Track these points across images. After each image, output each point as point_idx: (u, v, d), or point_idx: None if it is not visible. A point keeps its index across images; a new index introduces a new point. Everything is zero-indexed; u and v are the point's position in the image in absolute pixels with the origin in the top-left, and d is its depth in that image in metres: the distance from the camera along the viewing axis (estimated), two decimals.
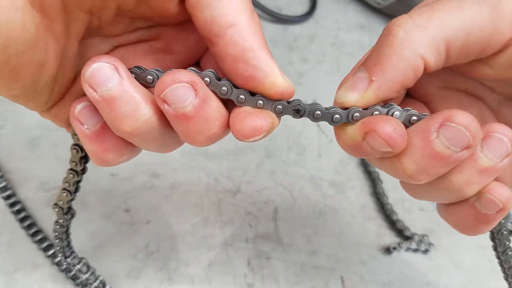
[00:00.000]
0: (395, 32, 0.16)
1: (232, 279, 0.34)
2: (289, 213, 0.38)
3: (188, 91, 0.16)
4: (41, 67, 0.16)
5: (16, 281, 0.32)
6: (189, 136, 0.17)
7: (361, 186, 0.41)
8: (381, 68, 0.16)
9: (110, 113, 0.17)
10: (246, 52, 0.16)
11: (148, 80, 0.17)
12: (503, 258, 0.24)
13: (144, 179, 0.38)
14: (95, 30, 0.18)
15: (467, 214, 0.18)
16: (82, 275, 0.30)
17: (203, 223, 0.37)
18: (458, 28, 0.15)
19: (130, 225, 0.36)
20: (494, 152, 0.17)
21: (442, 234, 0.38)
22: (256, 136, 0.17)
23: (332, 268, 0.35)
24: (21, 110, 0.42)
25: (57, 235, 0.27)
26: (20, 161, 0.38)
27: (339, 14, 0.56)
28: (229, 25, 0.16)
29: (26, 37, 0.15)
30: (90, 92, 0.16)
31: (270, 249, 0.36)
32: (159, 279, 0.33)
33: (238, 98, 0.17)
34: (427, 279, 0.36)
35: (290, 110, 0.18)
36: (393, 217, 0.38)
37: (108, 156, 0.18)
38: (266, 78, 0.17)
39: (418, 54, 0.16)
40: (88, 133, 0.18)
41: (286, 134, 0.43)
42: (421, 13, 0.16)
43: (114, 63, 0.16)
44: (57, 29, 0.16)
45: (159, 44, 0.20)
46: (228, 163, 0.40)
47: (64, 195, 0.24)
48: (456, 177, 0.17)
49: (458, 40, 0.16)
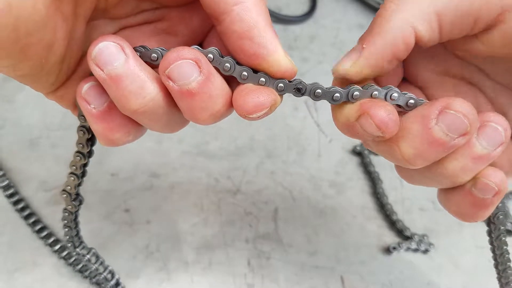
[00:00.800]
0: (387, 5, 0.16)
1: (232, 279, 0.34)
2: (289, 213, 0.38)
3: (193, 67, 0.16)
4: (50, 47, 0.16)
5: (16, 280, 0.32)
6: (193, 113, 0.18)
7: (361, 186, 0.41)
8: (372, 36, 0.16)
9: (117, 91, 0.17)
10: (252, 30, 0.16)
11: (152, 58, 0.18)
12: (496, 243, 0.24)
13: (144, 179, 0.38)
14: (101, 12, 0.18)
15: (465, 201, 0.18)
16: (91, 265, 0.30)
17: (203, 223, 0.37)
18: (448, 0, 0.15)
19: (130, 225, 0.36)
20: (489, 141, 0.17)
21: (442, 234, 0.38)
22: (259, 112, 0.17)
23: (332, 268, 0.35)
24: (20, 110, 0.42)
25: (66, 223, 0.27)
26: (20, 161, 0.38)
27: (339, 14, 0.56)
28: (235, 2, 0.16)
29: (36, 18, 0.15)
30: (96, 70, 0.17)
31: (270, 249, 0.36)
32: (159, 279, 0.33)
33: (241, 74, 0.17)
34: (427, 279, 0.36)
35: (292, 88, 0.18)
36: (393, 217, 0.38)
37: (115, 136, 0.19)
38: (270, 56, 0.17)
39: (408, 24, 0.16)
40: (95, 112, 0.18)
41: (286, 134, 0.43)
42: None
43: (120, 42, 0.17)
44: (66, 10, 0.16)
45: (163, 26, 0.20)
46: (228, 163, 0.40)
47: (71, 179, 0.24)
48: (451, 164, 0.18)
49: (449, 12, 0.16)
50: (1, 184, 0.36)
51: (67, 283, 0.33)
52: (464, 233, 0.39)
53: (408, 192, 0.41)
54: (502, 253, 0.25)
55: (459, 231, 0.39)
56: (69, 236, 0.28)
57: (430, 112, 0.16)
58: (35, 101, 0.43)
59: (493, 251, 0.25)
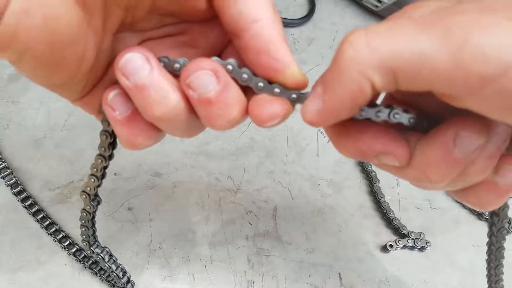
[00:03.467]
0: (345, 51, 0.15)
1: (232, 276, 0.34)
2: (288, 211, 0.39)
3: (211, 78, 0.17)
4: (81, 59, 0.18)
5: (20, 278, 0.33)
6: (211, 120, 0.19)
7: (359, 185, 0.41)
8: (331, 89, 0.16)
9: (142, 99, 0.18)
10: (269, 45, 0.17)
11: (175, 68, 0.19)
12: (496, 237, 0.24)
13: (147, 178, 0.39)
14: (127, 25, 0.19)
15: (487, 191, 0.19)
16: (104, 263, 0.31)
17: (204, 222, 0.37)
18: (410, 59, 0.14)
19: (133, 223, 0.36)
20: (498, 139, 0.18)
21: (438, 233, 0.39)
22: (273, 121, 0.18)
23: (330, 265, 0.36)
24: (25, 111, 0.43)
25: (83, 223, 0.28)
26: (24, 161, 0.39)
27: (337, 17, 0.57)
28: (254, 20, 0.17)
29: (70, 32, 0.16)
30: (123, 80, 0.18)
31: (269, 247, 0.36)
32: (161, 276, 0.34)
33: (257, 85, 0.19)
34: (423, 276, 0.36)
35: (303, 100, 0.19)
36: (390, 216, 0.39)
37: (137, 140, 0.20)
38: (285, 69, 0.18)
39: (364, 76, 0.15)
40: (120, 118, 0.19)
41: (286, 134, 0.44)
42: (378, 32, 0.15)
43: (145, 54, 0.18)
44: (96, 24, 0.17)
45: (185, 39, 0.21)
46: (228, 163, 0.41)
47: (91, 181, 0.25)
48: (471, 169, 0.18)
49: (409, 74, 0.15)
50: (9, 182, 0.36)
51: (70, 281, 0.33)
52: (460, 231, 0.39)
53: (405, 191, 0.41)
54: (499, 247, 0.25)
55: (455, 230, 0.40)
56: (85, 235, 0.29)
57: (448, 138, 0.17)
58: (39, 102, 0.43)
59: (490, 245, 0.25)
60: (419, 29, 0.14)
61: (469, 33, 0.13)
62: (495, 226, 0.24)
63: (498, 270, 0.27)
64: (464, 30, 0.13)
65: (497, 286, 0.28)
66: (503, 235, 0.24)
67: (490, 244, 0.25)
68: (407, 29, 0.14)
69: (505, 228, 0.24)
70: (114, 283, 0.32)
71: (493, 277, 0.27)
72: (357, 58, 0.15)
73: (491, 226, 0.24)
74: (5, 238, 0.34)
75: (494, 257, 0.26)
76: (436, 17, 0.14)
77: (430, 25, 0.14)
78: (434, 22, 0.14)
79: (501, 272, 0.27)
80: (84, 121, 0.42)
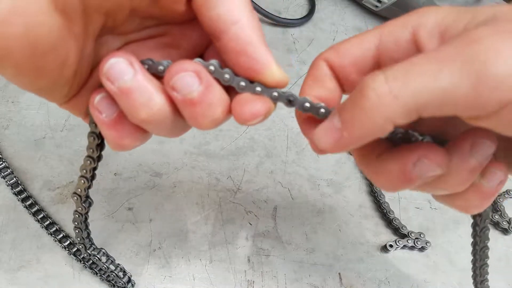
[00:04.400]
0: (368, 96, 0.16)
1: (232, 276, 0.34)
2: (288, 211, 0.39)
3: (194, 79, 0.18)
4: (63, 64, 0.18)
5: (20, 278, 0.33)
6: (195, 120, 0.19)
7: (359, 185, 0.41)
8: (352, 128, 0.17)
9: (127, 103, 0.18)
10: (248, 46, 0.18)
11: (159, 70, 0.19)
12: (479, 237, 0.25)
13: (147, 178, 0.39)
14: (108, 29, 0.19)
15: (473, 194, 0.19)
16: (102, 264, 0.31)
17: (204, 222, 0.37)
18: (432, 98, 0.15)
19: (133, 223, 0.36)
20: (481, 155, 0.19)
21: (438, 233, 0.39)
22: (255, 119, 0.19)
23: (330, 265, 0.36)
24: (25, 111, 0.43)
25: (76, 224, 0.28)
26: (24, 161, 0.39)
27: (337, 17, 0.57)
28: (232, 22, 0.18)
29: (50, 39, 0.16)
30: (108, 84, 0.18)
31: (269, 247, 0.36)
32: (161, 276, 0.34)
33: (239, 85, 0.19)
34: (423, 276, 0.36)
35: (284, 98, 0.20)
36: (390, 216, 0.39)
37: (124, 141, 0.20)
38: (265, 69, 0.19)
39: (388, 120, 0.16)
40: (106, 121, 0.19)
41: (286, 134, 0.44)
42: (398, 78, 0.15)
43: (129, 58, 0.18)
44: (77, 30, 0.18)
45: (166, 40, 0.21)
46: (228, 163, 0.41)
47: (81, 182, 0.25)
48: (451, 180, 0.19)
49: (431, 108, 0.15)
50: (9, 182, 0.36)
51: (70, 281, 0.33)
52: (459, 231, 0.39)
53: (405, 191, 0.41)
54: (483, 247, 0.25)
55: (454, 230, 0.40)
56: (80, 238, 0.29)
57: (465, 148, 0.18)
58: (39, 102, 0.43)
59: (475, 245, 0.26)
60: (438, 68, 0.14)
61: (487, 64, 0.14)
62: (478, 226, 0.24)
63: (483, 270, 0.27)
64: (481, 61, 0.14)
65: (482, 286, 0.28)
66: (486, 235, 0.25)
67: (475, 244, 0.26)
68: (425, 69, 0.15)
69: (487, 227, 0.24)
70: (115, 283, 0.32)
71: (478, 277, 0.27)
72: (381, 106, 0.15)
73: (474, 227, 0.25)
74: (5, 238, 0.34)
75: (479, 257, 0.26)
76: (453, 50, 0.14)
77: (447, 61, 0.14)
78: (451, 56, 0.14)
79: (486, 272, 0.27)
80: (84, 121, 0.42)
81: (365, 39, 0.20)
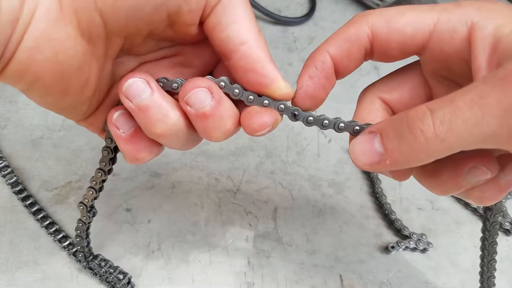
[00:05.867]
0: (416, 135, 0.16)
1: (232, 278, 0.34)
2: (288, 212, 0.38)
3: (206, 94, 0.19)
4: (85, 85, 0.19)
5: (17, 280, 0.32)
6: (207, 132, 0.21)
7: (360, 185, 0.41)
8: (396, 159, 0.18)
9: (144, 119, 0.20)
10: (256, 64, 0.20)
11: (173, 87, 0.20)
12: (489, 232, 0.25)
13: (145, 179, 0.39)
14: (126, 51, 0.21)
15: (491, 186, 0.20)
16: (101, 269, 0.32)
17: (204, 223, 0.37)
18: (475, 141, 0.16)
19: (132, 224, 0.36)
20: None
21: (439, 233, 0.39)
22: (263, 130, 0.20)
23: (331, 266, 0.36)
24: (22, 111, 0.42)
25: (78, 233, 0.29)
26: (22, 161, 0.39)
27: (338, 15, 0.57)
28: (241, 43, 0.19)
29: (76, 62, 0.18)
30: (126, 102, 0.20)
31: (269, 248, 0.36)
32: (160, 278, 0.34)
33: (248, 98, 0.21)
34: (425, 278, 0.36)
35: (289, 112, 0.21)
36: (392, 216, 0.38)
37: (140, 155, 0.22)
38: (272, 84, 0.20)
39: (432, 157, 0.17)
40: (124, 136, 0.21)
41: (286, 134, 0.44)
42: (443, 120, 0.16)
43: (146, 78, 0.20)
44: (98, 53, 0.19)
45: (179, 60, 0.23)
46: (228, 163, 0.41)
47: (90, 193, 0.26)
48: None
49: (473, 147, 0.16)
50: (9, 181, 0.36)
51: (68, 282, 0.33)
52: (461, 232, 0.39)
53: (406, 191, 0.41)
54: (492, 242, 0.25)
55: (456, 230, 0.39)
56: (80, 246, 0.30)
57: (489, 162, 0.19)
58: None
59: (484, 240, 0.26)
60: (480, 114, 0.15)
61: None
62: (489, 220, 0.24)
63: (490, 266, 0.27)
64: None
65: (489, 283, 0.28)
66: (496, 229, 0.25)
67: (484, 239, 0.26)
68: (469, 116, 0.15)
69: (498, 222, 0.25)
70: (114, 284, 0.32)
71: (486, 273, 0.27)
72: (428, 147, 0.16)
73: (484, 221, 0.25)
74: (2, 239, 0.34)
75: (487, 252, 0.26)
76: (494, 96, 0.15)
77: (489, 108, 0.15)
78: (492, 104, 0.15)
79: (493, 268, 0.27)
80: None
81: (420, 18, 0.20)
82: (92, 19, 0.18)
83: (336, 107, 0.45)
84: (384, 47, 0.20)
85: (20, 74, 0.17)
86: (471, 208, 0.40)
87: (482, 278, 0.28)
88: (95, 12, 0.18)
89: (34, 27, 0.17)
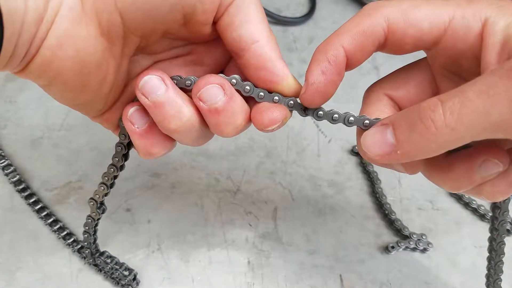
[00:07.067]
0: (427, 125, 0.17)
1: (232, 278, 0.34)
2: (288, 212, 0.38)
3: (218, 90, 0.20)
4: (103, 82, 0.20)
5: (18, 280, 0.32)
6: (219, 128, 0.21)
7: (360, 185, 0.41)
8: (408, 149, 0.18)
9: (159, 115, 0.20)
10: (267, 62, 0.20)
11: (187, 84, 0.21)
12: (498, 231, 0.25)
13: (145, 179, 0.39)
14: (141, 49, 0.22)
15: (503, 180, 0.20)
16: (107, 266, 0.32)
17: (204, 223, 0.37)
18: (485, 130, 0.16)
19: (131, 225, 0.36)
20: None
21: (440, 233, 0.39)
22: (273, 125, 0.21)
23: (331, 267, 0.36)
24: (22, 110, 0.42)
25: (86, 229, 0.29)
26: (22, 161, 0.39)
27: (338, 16, 0.57)
28: (253, 41, 0.20)
29: (95, 60, 0.19)
30: (142, 98, 0.20)
31: (269, 248, 0.36)
32: (160, 278, 0.34)
33: (258, 95, 0.21)
34: (425, 278, 0.36)
35: (299, 107, 0.21)
36: (392, 216, 0.38)
37: (154, 150, 0.22)
38: (283, 81, 0.21)
39: (443, 147, 0.17)
40: (138, 131, 0.22)
41: (286, 134, 0.44)
42: (453, 110, 0.16)
43: (161, 75, 0.20)
44: (116, 51, 0.20)
45: (191, 58, 0.23)
46: (228, 163, 0.41)
47: (101, 189, 0.26)
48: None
49: (483, 137, 0.16)
50: (12, 180, 0.36)
51: (68, 282, 0.33)
52: (462, 232, 0.39)
53: (407, 191, 0.41)
54: (500, 242, 0.25)
55: (457, 231, 0.39)
56: (88, 242, 0.31)
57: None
58: (36, 102, 0.43)
59: (492, 240, 0.25)
60: (490, 103, 0.15)
61: None
62: (497, 219, 0.24)
63: (497, 268, 0.27)
64: None
65: (495, 286, 0.28)
66: (504, 228, 0.25)
67: (492, 239, 0.25)
68: (478, 105, 0.15)
69: (507, 220, 0.24)
70: (119, 280, 0.32)
71: (493, 275, 0.27)
72: (439, 136, 0.16)
73: (492, 219, 0.25)
74: (2, 239, 0.34)
75: (495, 253, 0.26)
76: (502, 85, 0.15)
77: (497, 97, 0.15)
78: (500, 93, 0.15)
79: (500, 270, 0.27)
80: (82, 121, 0.41)
81: (436, 14, 0.20)
82: (112, 19, 0.18)
83: (336, 107, 0.45)
84: (399, 41, 0.20)
85: (42, 70, 0.18)
86: (471, 208, 0.40)
87: (488, 281, 0.27)
88: (115, 12, 0.18)
89: (57, 26, 0.18)
